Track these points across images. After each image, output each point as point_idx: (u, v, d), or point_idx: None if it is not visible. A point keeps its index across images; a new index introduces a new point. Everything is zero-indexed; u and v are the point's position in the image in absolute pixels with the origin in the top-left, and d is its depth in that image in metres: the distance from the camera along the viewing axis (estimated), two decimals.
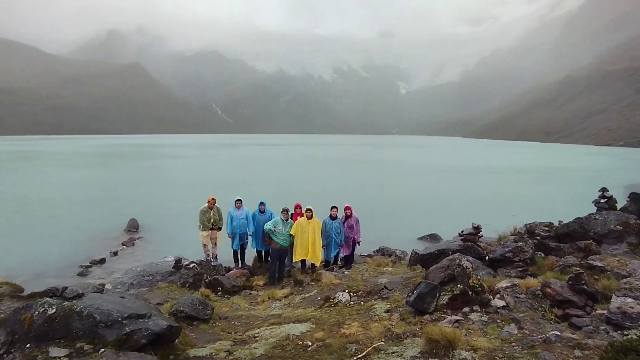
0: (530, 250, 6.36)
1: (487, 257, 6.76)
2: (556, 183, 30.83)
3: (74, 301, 3.81)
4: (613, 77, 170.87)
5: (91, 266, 11.40)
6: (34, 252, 12.48)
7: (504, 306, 4.78)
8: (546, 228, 9.08)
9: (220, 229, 10.48)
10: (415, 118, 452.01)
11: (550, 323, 4.38)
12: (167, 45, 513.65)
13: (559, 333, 3.95)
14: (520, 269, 6.05)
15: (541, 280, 5.24)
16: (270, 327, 5.35)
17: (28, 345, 3.62)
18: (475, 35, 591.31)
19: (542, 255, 6.54)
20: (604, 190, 8.93)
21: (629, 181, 28.87)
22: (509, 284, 5.26)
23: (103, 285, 8.35)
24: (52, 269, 11.05)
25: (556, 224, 9.53)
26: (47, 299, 3.85)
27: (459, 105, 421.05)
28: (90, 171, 38.71)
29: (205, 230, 10.21)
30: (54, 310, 3.68)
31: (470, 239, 7.29)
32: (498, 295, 5.03)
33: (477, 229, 7.38)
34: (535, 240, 7.14)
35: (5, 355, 3.59)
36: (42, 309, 3.70)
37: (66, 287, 4.02)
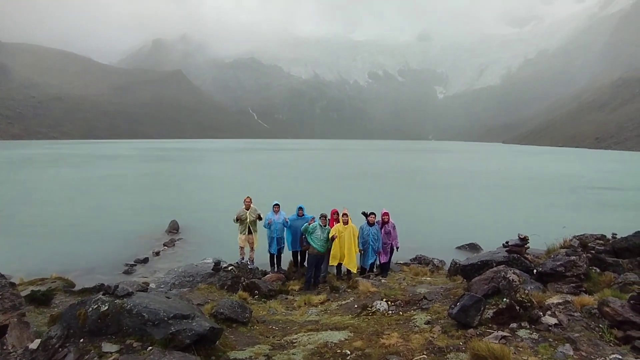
0: (585, 265, 5.94)
1: (535, 271, 6.39)
2: (607, 192, 28.80)
3: (124, 299, 3.98)
4: None
5: (135, 265, 11.94)
6: (84, 250, 13.27)
7: (556, 324, 4.48)
8: (600, 241, 8.46)
9: (256, 230, 10.60)
10: (452, 123, 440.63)
11: (610, 345, 4.05)
12: (209, 52, 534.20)
13: (620, 357, 3.64)
14: (573, 284, 5.66)
15: (598, 298, 4.87)
16: (308, 333, 5.33)
17: (82, 340, 3.82)
18: (518, 37, 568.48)
19: (598, 270, 6.09)
20: None
21: None
22: (561, 301, 4.94)
23: (147, 284, 8.70)
24: (100, 265, 11.69)
25: (609, 237, 8.88)
26: (101, 296, 4.05)
27: (500, 110, 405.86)
28: (135, 173, 40.77)
29: (243, 233, 10.40)
30: (107, 307, 3.87)
31: (517, 250, 6.94)
32: (549, 312, 4.72)
33: (524, 239, 7.01)
34: (590, 254, 6.67)
35: (60, 349, 3.80)
36: (96, 306, 3.90)
37: (117, 286, 4.21)
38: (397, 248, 9.72)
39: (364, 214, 9.57)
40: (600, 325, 4.40)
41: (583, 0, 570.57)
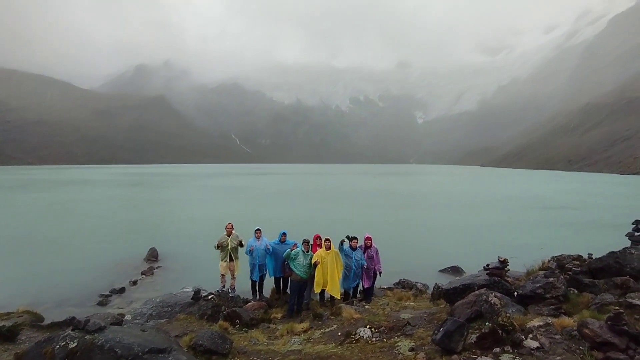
0: (563, 287, 6.02)
1: (516, 293, 6.44)
2: (581, 214, 29.68)
3: (96, 334, 3.79)
4: (636, 104, 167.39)
5: (111, 295, 11.43)
6: (56, 280, 12.66)
7: (538, 347, 4.49)
8: (576, 262, 8.65)
9: (237, 257, 10.39)
10: (432, 147, 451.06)
11: None
12: (192, 78, 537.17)
13: None
14: (553, 306, 5.71)
15: (577, 320, 4.92)
16: None
17: None
18: (492, 65, 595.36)
19: (576, 291, 6.18)
20: (637, 222, 8.52)
21: None
22: (542, 323, 4.96)
23: (123, 315, 8.34)
24: (72, 297, 11.13)
25: (585, 257, 9.09)
26: (69, 332, 3.84)
27: (478, 134, 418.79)
28: (113, 199, 39.73)
29: (224, 260, 10.16)
30: (76, 344, 3.66)
31: (497, 273, 6.99)
32: (531, 335, 4.73)
33: (504, 262, 7.09)
34: (568, 276, 6.78)
35: None
36: (64, 343, 3.69)
37: (88, 320, 4.01)
38: (380, 273, 9.67)
39: (347, 237, 9.54)
40: (581, 347, 4.43)
41: (550, 32, 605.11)
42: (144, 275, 13.54)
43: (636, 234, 8.27)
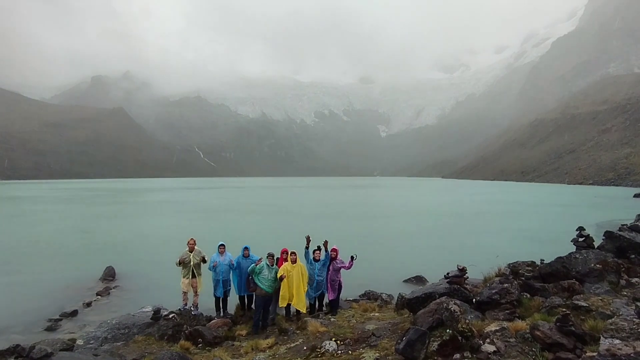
0: (516, 292, 6.34)
1: (474, 300, 6.69)
2: (533, 222, 31.46)
3: None
4: (578, 120, 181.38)
5: (61, 319, 10.64)
6: None
7: (494, 351, 4.67)
8: (529, 268, 9.12)
9: (200, 274, 10.07)
10: (396, 160, 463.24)
11: None
12: (153, 90, 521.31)
13: None
14: (508, 311, 5.99)
15: (529, 323, 5.18)
16: None
17: None
18: (450, 81, 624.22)
19: (528, 296, 6.52)
20: (581, 229, 9.15)
21: (601, 219, 29.74)
22: (498, 328, 5.18)
23: (74, 340, 7.80)
24: (17, 323, 10.26)
25: (538, 262, 9.62)
26: None
27: (438, 147, 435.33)
28: (63, 216, 37.38)
29: (187, 277, 9.81)
30: None
31: (457, 281, 7.23)
32: (488, 340, 4.92)
33: (463, 270, 7.35)
34: (521, 281, 7.14)
35: None
36: None
37: (33, 346, 3.73)
38: (351, 267, 9.55)
39: (319, 247, 9.51)
40: (534, 349, 4.66)
41: (501, 52, 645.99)
42: (99, 296, 12.77)
43: (580, 239, 8.87)
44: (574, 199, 58.65)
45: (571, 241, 9.13)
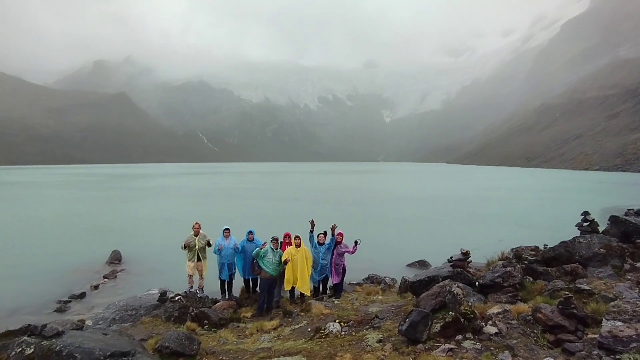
0: (519, 275, 6.39)
1: (477, 283, 6.75)
2: (537, 207, 31.40)
3: (53, 340, 3.62)
4: (585, 105, 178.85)
5: (70, 301, 10.89)
6: (10, 287, 11.91)
7: (496, 333, 4.75)
8: (533, 252, 9.17)
9: (205, 257, 10.20)
10: (400, 145, 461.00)
11: (544, 349, 4.35)
12: (155, 75, 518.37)
13: (552, 359, 3.91)
14: (510, 294, 6.05)
15: (531, 305, 5.24)
16: None
17: None
18: (455, 66, 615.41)
19: (531, 279, 6.57)
20: (585, 213, 9.14)
21: (606, 204, 29.64)
22: (500, 310, 5.24)
23: (83, 321, 7.98)
24: (28, 305, 10.52)
25: (542, 247, 9.66)
26: (25, 337, 3.65)
27: (443, 132, 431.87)
28: (70, 201, 37.76)
29: (192, 260, 9.94)
30: (32, 350, 3.49)
31: (460, 265, 7.30)
32: (490, 322, 4.99)
33: (466, 254, 7.40)
34: (524, 265, 7.19)
35: None
36: (20, 349, 3.51)
37: (45, 325, 3.83)
38: (354, 251, 9.55)
39: (324, 232, 9.55)
40: (535, 331, 4.72)
41: (508, 35, 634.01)
42: (106, 279, 13.01)
43: (584, 224, 8.87)
44: (580, 184, 58.34)
45: (575, 226, 9.13)
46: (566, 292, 5.41)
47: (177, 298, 8.92)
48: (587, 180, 67.45)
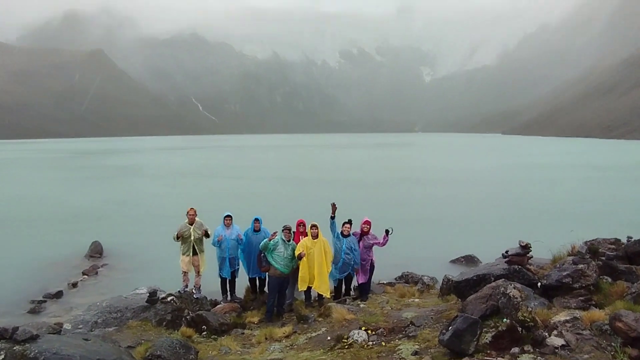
0: (594, 274, 6.27)
1: (539, 284, 6.68)
2: (620, 191, 30.58)
3: (27, 344, 3.80)
4: None
5: (45, 301, 11.40)
6: None
7: (563, 345, 4.71)
8: (612, 246, 8.97)
9: (203, 250, 10.29)
10: (442, 112, 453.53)
11: None
12: (138, 28, 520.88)
13: None
14: (582, 297, 5.96)
15: (609, 312, 5.15)
16: None
17: None
18: (515, 10, 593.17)
19: (609, 280, 6.44)
20: None
21: None
22: (568, 318, 5.19)
23: (60, 324, 8.34)
24: None
25: (624, 240, 9.42)
26: None
27: (498, 95, 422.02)
28: (41, 184, 39.01)
29: (187, 254, 10.05)
30: (3, 356, 3.68)
31: (518, 261, 7.21)
32: (555, 332, 4.96)
33: (526, 248, 7.29)
34: (600, 262, 7.03)
35: None
36: None
37: (17, 328, 4.01)
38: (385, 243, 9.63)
39: (349, 221, 9.46)
40: (613, 344, 4.65)
41: None
42: (85, 276, 13.52)
43: None
44: None
45: None
46: None
47: (169, 299, 9.19)
48: None
